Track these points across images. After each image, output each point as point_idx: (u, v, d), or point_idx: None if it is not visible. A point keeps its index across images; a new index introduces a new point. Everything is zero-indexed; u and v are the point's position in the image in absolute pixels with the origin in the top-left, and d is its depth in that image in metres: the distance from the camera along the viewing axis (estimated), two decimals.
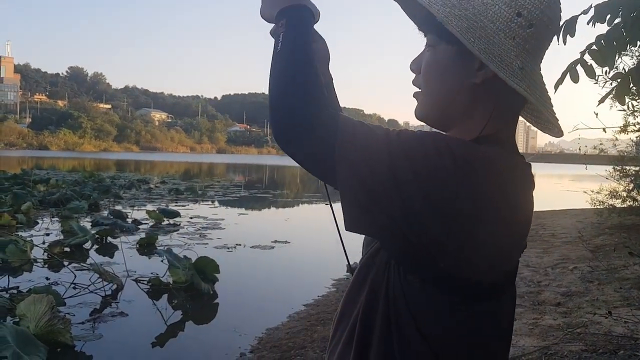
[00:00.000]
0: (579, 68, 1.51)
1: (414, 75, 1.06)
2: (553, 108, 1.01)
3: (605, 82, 3.45)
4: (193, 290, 6.56)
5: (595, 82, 3.51)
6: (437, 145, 0.88)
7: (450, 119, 0.99)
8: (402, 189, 0.85)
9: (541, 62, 0.98)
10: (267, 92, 0.97)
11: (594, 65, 1.55)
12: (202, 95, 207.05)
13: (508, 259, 0.95)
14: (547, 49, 0.98)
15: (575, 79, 1.50)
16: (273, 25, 1.04)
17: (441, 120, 1.01)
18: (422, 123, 1.08)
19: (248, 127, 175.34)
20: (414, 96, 1.06)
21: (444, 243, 0.87)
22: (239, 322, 5.72)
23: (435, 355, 0.92)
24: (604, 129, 3.96)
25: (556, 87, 1.56)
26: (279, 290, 7.04)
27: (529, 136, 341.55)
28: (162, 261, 7.22)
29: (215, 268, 6.90)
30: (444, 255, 0.88)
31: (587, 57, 1.50)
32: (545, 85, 0.99)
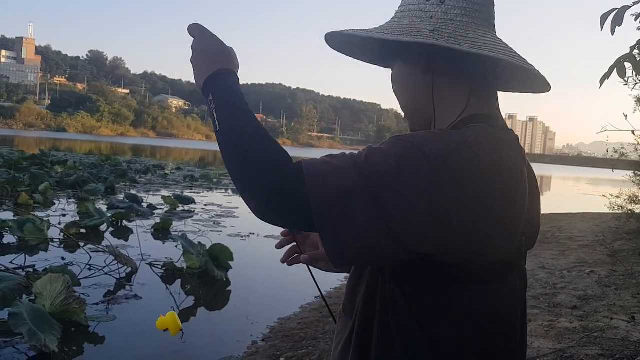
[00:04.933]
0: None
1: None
2: (524, 60, 1.01)
3: (636, 84, 3.38)
4: (206, 276, 6.58)
5: (625, 83, 3.44)
6: (407, 150, 0.89)
7: (425, 120, 1.06)
8: (383, 208, 0.85)
9: (489, 24, 1.03)
10: (284, 84, 1.05)
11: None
12: None
13: (503, 239, 0.95)
14: (483, 11, 1.02)
15: (622, 74, 1.45)
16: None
17: (419, 124, 1.08)
18: None
19: (264, 117, 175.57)
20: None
21: (434, 238, 0.87)
22: (251, 310, 5.73)
23: (433, 343, 0.94)
24: (632, 132, 3.89)
25: (602, 81, 1.52)
26: (292, 281, 7.03)
27: (546, 137, 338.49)
28: (176, 246, 7.25)
29: (229, 256, 6.92)
30: (437, 248, 0.89)
31: (636, 53, 1.46)
32: (505, 44, 1.02)
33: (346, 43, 1.15)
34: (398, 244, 0.87)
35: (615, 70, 1.44)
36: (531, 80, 1.08)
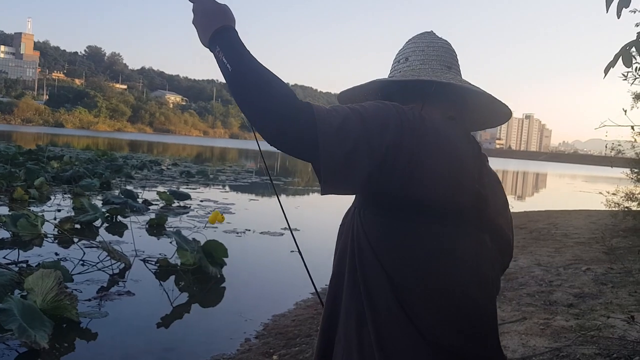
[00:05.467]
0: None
1: None
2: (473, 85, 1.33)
3: (635, 79, 3.33)
4: (200, 273, 6.53)
5: (624, 78, 3.40)
6: (381, 102, 1.22)
7: None
8: (368, 129, 1.14)
9: (447, 67, 1.37)
10: (282, 79, 1.19)
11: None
12: (217, 80, 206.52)
13: (432, 183, 1.16)
14: (440, 60, 1.37)
15: (628, 62, 1.40)
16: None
17: None
18: None
19: None
20: None
21: (397, 171, 1.14)
22: (245, 307, 5.68)
23: (389, 276, 1.15)
24: (632, 127, 3.85)
25: (606, 70, 1.47)
26: (287, 278, 6.99)
27: (542, 135, 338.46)
28: (170, 242, 7.20)
29: (223, 252, 6.86)
30: (394, 180, 1.14)
31: None
32: (467, 82, 1.34)
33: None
34: (372, 160, 1.13)
35: (620, 60, 1.39)
36: (501, 113, 1.40)
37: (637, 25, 3.33)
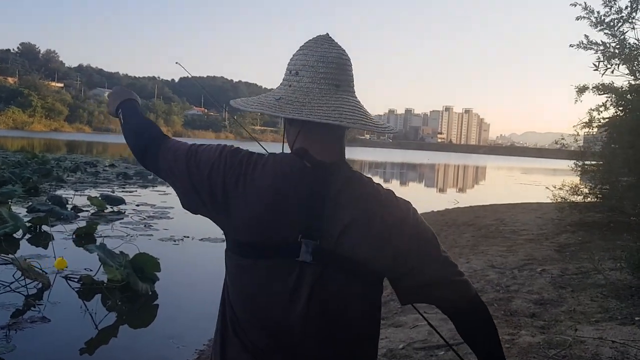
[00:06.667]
0: None
1: None
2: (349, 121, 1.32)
3: (607, 69, 2.98)
4: (129, 290, 5.87)
5: (595, 68, 3.03)
6: (218, 148, 1.42)
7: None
8: (193, 177, 1.38)
9: (335, 86, 1.35)
10: (226, 77, 1.13)
11: None
12: (158, 77, 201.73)
13: (259, 228, 1.29)
14: (328, 77, 1.35)
15: None
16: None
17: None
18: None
19: (206, 110, 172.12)
20: None
21: (220, 211, 1.35)
22: (178, 329, 5.09)
23: (226, 291, 1.37)
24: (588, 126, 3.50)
25: None
26: None
27: (481, 129, 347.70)
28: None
29: (155, 266, 6.19)
30: (223, 223, 1.36)
31: None
32: (347, 103, 1.35)
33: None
34: (197, 194, 1.38)
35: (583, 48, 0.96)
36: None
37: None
